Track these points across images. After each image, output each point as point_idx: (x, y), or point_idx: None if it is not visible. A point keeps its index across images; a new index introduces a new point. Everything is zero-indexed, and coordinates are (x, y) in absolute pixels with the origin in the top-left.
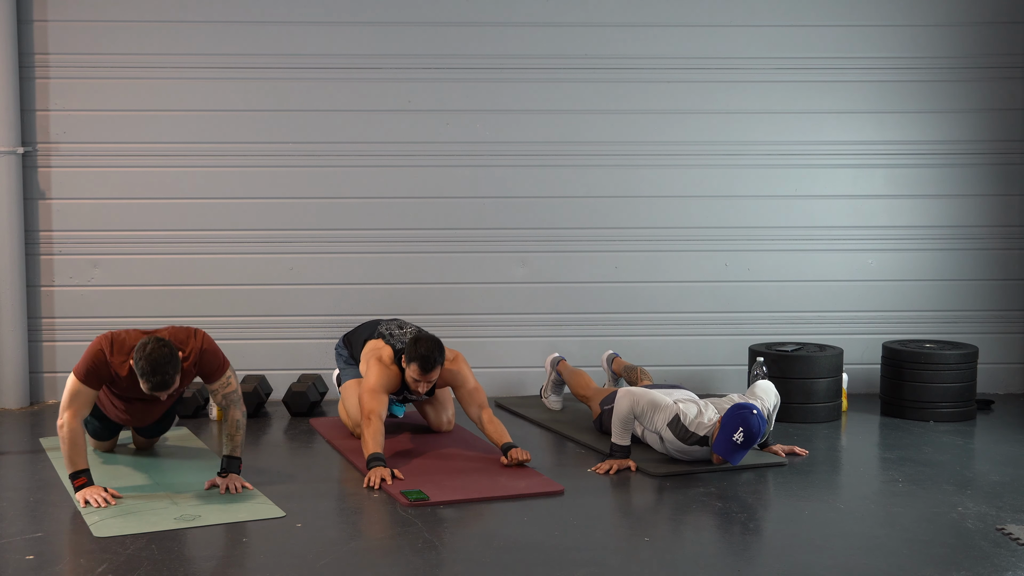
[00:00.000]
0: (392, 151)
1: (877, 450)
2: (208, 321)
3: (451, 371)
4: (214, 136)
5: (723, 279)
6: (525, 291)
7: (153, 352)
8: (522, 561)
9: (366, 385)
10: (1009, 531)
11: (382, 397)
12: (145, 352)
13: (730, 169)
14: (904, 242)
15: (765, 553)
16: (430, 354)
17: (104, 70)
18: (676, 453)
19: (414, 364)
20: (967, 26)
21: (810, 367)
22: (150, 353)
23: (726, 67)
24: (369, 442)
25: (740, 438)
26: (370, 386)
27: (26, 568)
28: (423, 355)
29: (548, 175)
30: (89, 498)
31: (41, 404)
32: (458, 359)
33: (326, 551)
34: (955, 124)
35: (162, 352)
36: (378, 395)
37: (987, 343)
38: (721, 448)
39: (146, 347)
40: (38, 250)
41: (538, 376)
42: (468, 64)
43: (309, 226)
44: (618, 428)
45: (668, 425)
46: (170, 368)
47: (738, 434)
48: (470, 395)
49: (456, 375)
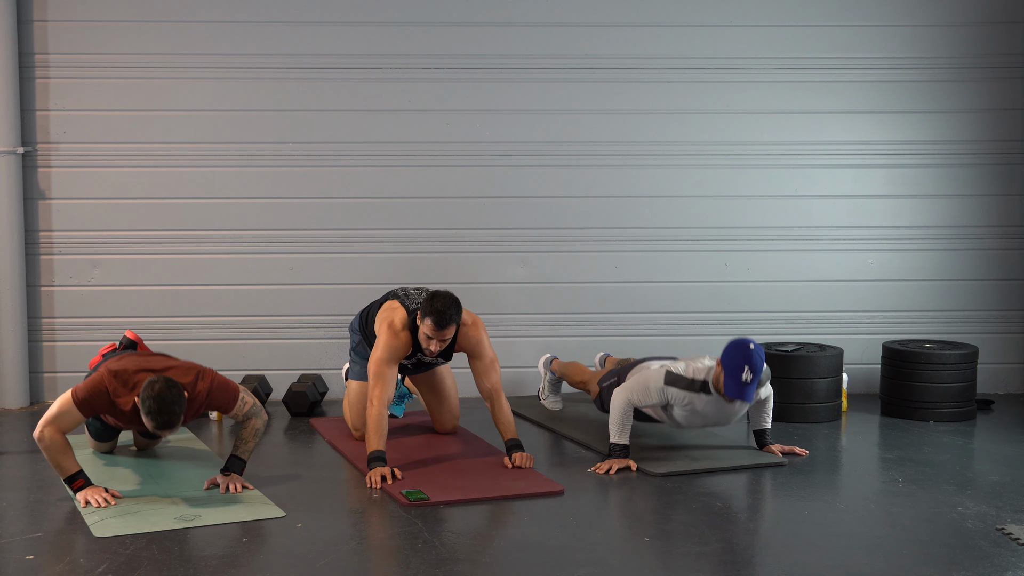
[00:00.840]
0: (392, 151)
1: (877, 450)
2: (208, 321)
3: (469, 336)
4: (214, 136)
5: (723, 279)
6: (525, 291)
7: (161, 393)
8: (522, 561)
9: (373, 358)
10: (1009, 531)
11: (389, 373)
12: (153, 392)
13: (730, 169)
14: (904, 242)
15: (765, 553)
16: (446, 310)
17: (104, 70)
18: (685, 414)
19: (428, 319)
20: (967, 26)
21: (810, 367)
22: (158, 394)
23: (726, 67)
24: (372, 437)
25: (748, 376)
26: (377, 359)
27: (26, 568)
28: (438, 310)
29: (548, 175)
30: (90, 498)
31: (41, 404)
32: (477, 324)
33: (326, 551)
34: (955, 124)
35: (171, 393)
36: (384, 373)
37: (987, 343)
38: (732, 391)
39: (154, 386)
40: (38, 250)
41: (538, 376)
42: (468, 64)
43: (309, 226)
44: (616, 427)
45: (666, 384)
46: (177, 409)
47: (745, 373)
48: (486, 370)
49: (474, 342)
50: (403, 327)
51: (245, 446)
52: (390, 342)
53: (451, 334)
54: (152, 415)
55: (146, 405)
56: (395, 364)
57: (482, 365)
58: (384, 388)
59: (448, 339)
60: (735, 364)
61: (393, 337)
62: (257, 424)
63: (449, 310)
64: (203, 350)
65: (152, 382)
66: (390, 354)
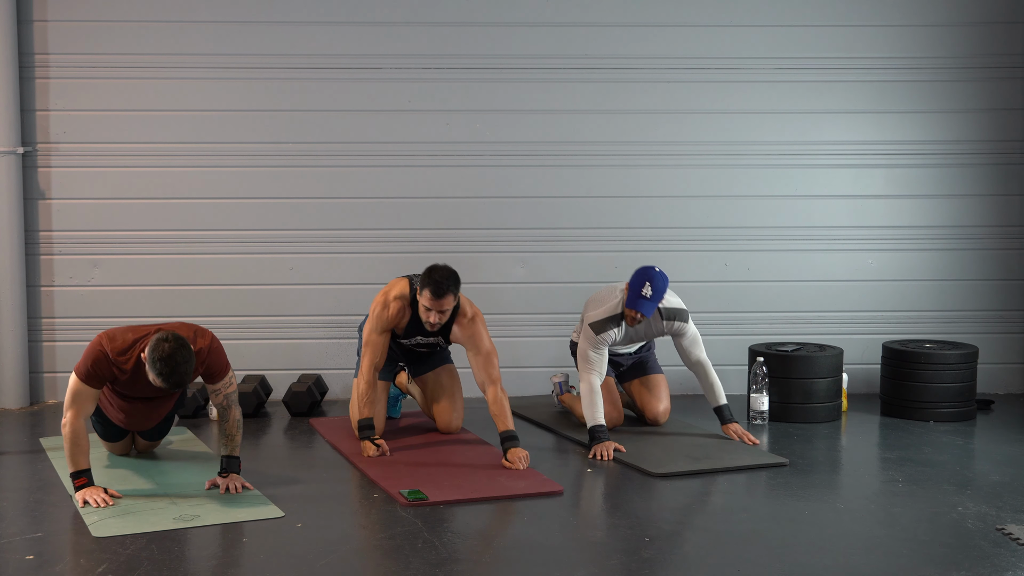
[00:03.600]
0: (392, 151)
1: (877, 450)
2: (208, 321)
3: (468, 328)
4: (214, 136)
5: (723, 279)
6: (525, 291)
7: (172, 352)
8: (522, 561)
9: (365, 331)
10: (1009, 531)
11: (378, 340)
12: (163, 352)
13: (730, 169)
14: (904, 242)
15: (765, 553)
16: (443, 280)
17: (104, 70)
18: (625, 339)
19: (426, 290)
20: (967, 26)
21: (810, 367)
22: (170, 353)
23: (726, 67)
24: (362, 407)
25: (648, 292)
26: (367, 331)
27: (26, 568)
28: (436, 280)
29: (548, 175)
30: (88, 498)
31: (41, 404)
32: (477, 318)
33: (326, 551)
34: (955, 124)
35: (181, 352)
36: (372, 340)
37: (987, 343)
38: (633, 303)
39: (163, 345)
40: (38, 250)
41: (538, 376)
42: (468, 64)
43: (309, 226)
44: (588, 410)
45: (598, 334)
46: (187, 367)
47: (646, 288)
48: (483, 362)
49: (473, 331)
50: (396, 297)
51: (233, 442)
52: (377, 312)
53: (449, 305)
54: (164, 376)
55: (156, 366)
56: (384, 333)
57: (480, 357)
58: (371, 355)
59: (447, 311)
60: (638, 283)
61: (382, 308)
62: (237, 415)
63: (446, 281)
64: None
65: (160, 340)
66: (376, 323)
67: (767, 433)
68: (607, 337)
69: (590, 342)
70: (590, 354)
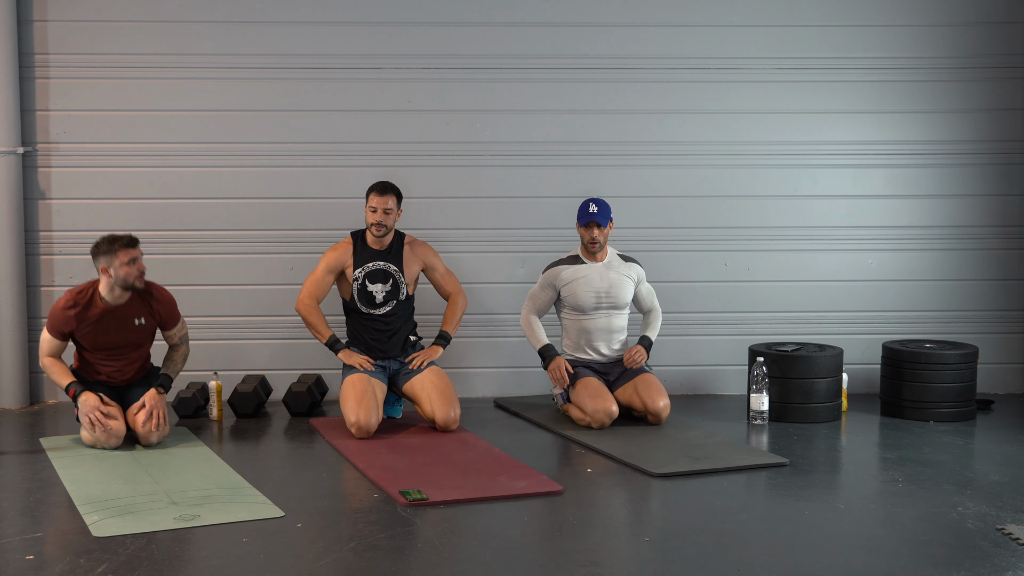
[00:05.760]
0: (392, 151)
1: (877, 450)
2: (208, 321)
3: (420, 247)
4: (214, 136)
5: (723, 279)
6: (525, 291)
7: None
8: (522, 561)
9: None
10: (1009, 531)
11: (322, 277)
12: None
13: (730, 169)
14: (904, 242)
15: (765, 553)
16: (385, 180)
17: (104, 70)
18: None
19: (372, 192)
20: (967, 26)
21: (810, 367)
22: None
23: (726, 67)
24: (318, 328)
25: (593, 208)
26: (310, 275)
27: (26, 568)
28: (380, 182)
29: (548, 175)
30: (84, 416)
31: (41, 404)
32: (426, 244)
33: (326, 551)
34: (955, 124)
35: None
36: (316, 276)
37: (987, 343)
38: (584, 219)
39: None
40: (38, 250)
41: (538, 376)
42: (468, 64)
43: (309, 226)
44: (531, 338)
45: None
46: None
47: (591, 206)
48: (443, 276)
49: (426, 250)
50: (344, 241)
51: (175, 367)
52: (325, 256)
53: (393, 204)
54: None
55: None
56: (330, 273)
57: (438, 274)
58: (310, 285)
59: (391, 209)
60: (582, 207)
61: (331, 251)
62: (186, 351)
63: (389, 182)
64: (203, 350)
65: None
66: (324, 264)
67: (767, 433)
68: (554, 274)
69: (538, 282)
70: (533, 290)
